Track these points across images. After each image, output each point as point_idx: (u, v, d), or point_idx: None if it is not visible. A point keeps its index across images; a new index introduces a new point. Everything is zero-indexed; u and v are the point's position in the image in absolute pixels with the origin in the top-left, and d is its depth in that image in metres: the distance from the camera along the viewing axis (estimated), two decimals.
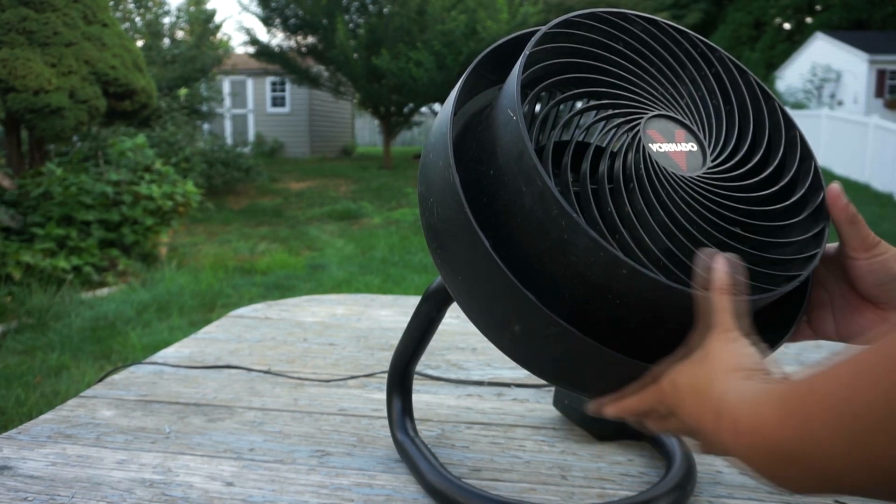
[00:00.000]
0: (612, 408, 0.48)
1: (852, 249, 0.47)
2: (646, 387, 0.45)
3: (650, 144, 0.45)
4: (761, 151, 0.49)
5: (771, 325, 0.50)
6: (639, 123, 0.46)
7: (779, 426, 0.34)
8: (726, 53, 0.52)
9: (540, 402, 0.84)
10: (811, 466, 0.33)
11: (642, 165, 0.44)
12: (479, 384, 0.91)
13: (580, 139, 0.48)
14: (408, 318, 0.68)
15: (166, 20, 11.93)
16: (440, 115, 0.49)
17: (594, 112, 0.48)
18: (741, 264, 0.43)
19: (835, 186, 0.47)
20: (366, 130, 20.07)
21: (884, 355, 0.29)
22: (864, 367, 0.30)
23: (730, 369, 0.40)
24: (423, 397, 0.86)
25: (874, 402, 0.29)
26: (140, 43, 10.62)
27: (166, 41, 11.54)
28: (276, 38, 12.44)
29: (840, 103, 15.18)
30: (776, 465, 0.35)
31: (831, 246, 0.49)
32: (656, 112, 0.47)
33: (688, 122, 0.48)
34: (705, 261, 0.42)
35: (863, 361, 0.30)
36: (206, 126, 11.56)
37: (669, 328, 0.45)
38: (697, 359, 0.42)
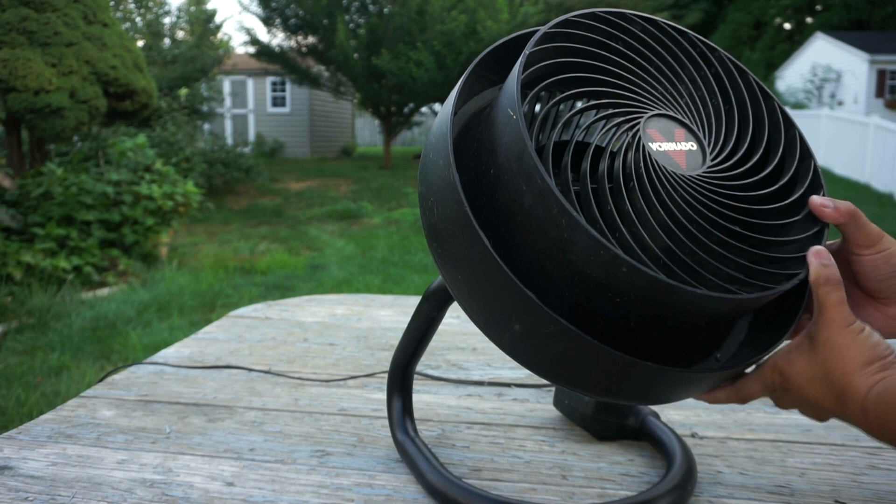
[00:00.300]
0: (728, 396, 0.50)
1: (856, 246, 0.47)
2: (765, 378, 0.47)
3: (650, 143, 0.45)
4: (761, 151, 0.49)
5: (771, 323, 0.50)
6: (639, 123, 0.46)
7: None
8: (726, 53, 0.52)
9: (540, 402, 0.84)
10: None
11: (642, 164, 0.44)
12: (479, 384, 0.91)
13: (580, 139, 0.48)
14: (408, 318, 0.68)
15: (167, 20, 11.94)
16: (440, 114, 0.49)
17: (594, 111, 0.48)
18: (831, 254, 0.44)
19: (813, 199, 0.47)
20: (366, 130, 20.07)
21: None
22: None
23: (866, 363, 0.42)
24: (424, 397, 0.86)
25: None
26: (140, 43, 10.63)
27: (167, 41, 11.55)
28: (277, 38, 12.47)
29: (840, 103, 15.18)
30: None
31: (833, 242, 0.50)
32: (656, 111, 0.47)
33: (687, 122, 0.48)
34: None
35: None
36: (206, 126, 11.56)
37: (669, 326, 0.45)
38: (827, 354, 0.43)
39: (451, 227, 0.46)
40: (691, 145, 0.47)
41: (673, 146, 0.46)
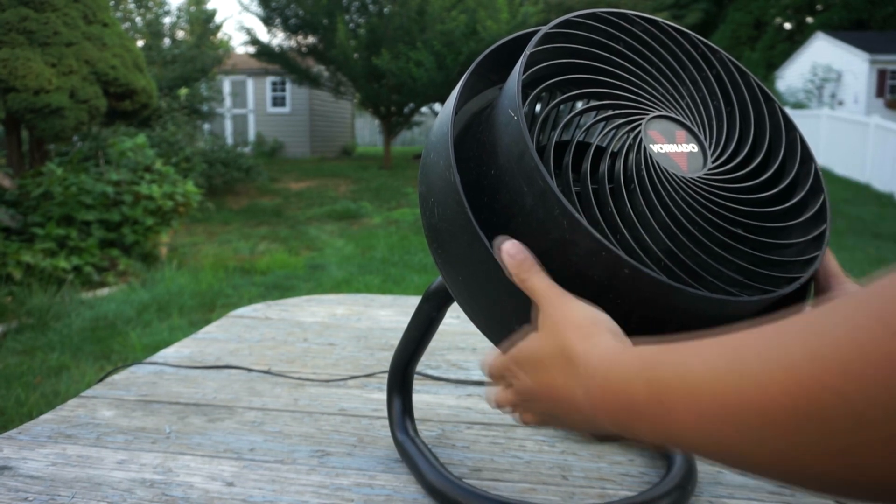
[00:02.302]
0: (486, 365, 0.49)
1: (827, 278, 0.47)
2: (502, 364, 0.46)
3: (651, 145, 0.45)
4: (762, 153, 0.49)
5: None
6: (640, 124, 0.46)
7: (645, 398, 0.33)
8: (727, 54, 0.52)
9: None
10: (671, 439, 0.33)
11: (643, 166, 0.44)
12: (479, 384, 0.91)
13: (580, 139, 0.48)
14: (408, 318, 0.68)
15: (167, 20, 11.94)
16: (441, 115, 0.49)
17: (594, 112, 0.48)
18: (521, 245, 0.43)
19: None
20: (366, 130, 20.07)
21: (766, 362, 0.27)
22: (746, 371, 0.28)
23: (578, 326, 0.40)
24: (424, 397, 0.86)
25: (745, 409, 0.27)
26: (140, 43, 10.63)
27: (167, 41, 11.55)
28: (277, 38, 12.46)
29: (841, 103, 15.17)
30: (633, 425, 0.35)
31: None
32: (657, 113, 0.47)
33: (688, 123, 0.48)
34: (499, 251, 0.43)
35: (747, 367, 0.28)
36: (206, 126, 11.56)
37: (671, 329, 0.45)
38: (551, 328, 0.41)
39: (452, 228, 0.46)
40: (692, 147, 0.47)
41: (674, 148, 0.46)
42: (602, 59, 0.48)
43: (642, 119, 0.46)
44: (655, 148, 0.45)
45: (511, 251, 0.43)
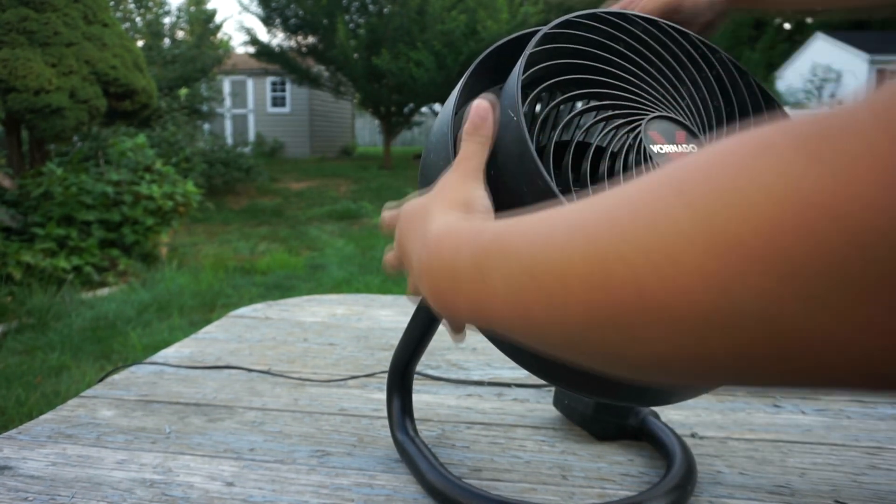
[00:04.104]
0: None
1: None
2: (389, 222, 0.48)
3: (651, 146, 0.45)
4: None
5: None
6: (640, 124, 0.46)
7: (468, 264, 0.33)
8: (727, 55, 0.52)
9: (540, 402, 0.84)
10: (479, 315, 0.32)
11: (643, 166, 0.44)
12: (479, 384, 0.91)
13: (580, 139, 0.48)
14: (408, 318, 0.68)
15: (167, 20, 11.95)
16: (441, 114, 0.49)
17: (594, 112, 0.48)
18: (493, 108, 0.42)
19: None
20: (366, 130, 20.07)
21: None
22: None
23: (454, 199, 0.40)
24: (424, 397, 0.86)
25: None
26: (140, 43, 10.64)
27: (167, 41, 11.55)
28: (277, 38, 12.49)
29: (840, 103, 15.15)
30: (452, 293, 0.34)
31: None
32: (657, 113, 0.47)
33: (688, 124, 0.48)
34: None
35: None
36: (206, 126, 11.56)
37: None
38: (431, 191, 0.42)
39: None
40: (692, 148, 0.47)
41: (674, 148, 0.46)
42: (602, 59, 0.48)
43: (642, 119, 0.46)
44: (655, 148, 0.45)
45: (483, 109, 0.42)
